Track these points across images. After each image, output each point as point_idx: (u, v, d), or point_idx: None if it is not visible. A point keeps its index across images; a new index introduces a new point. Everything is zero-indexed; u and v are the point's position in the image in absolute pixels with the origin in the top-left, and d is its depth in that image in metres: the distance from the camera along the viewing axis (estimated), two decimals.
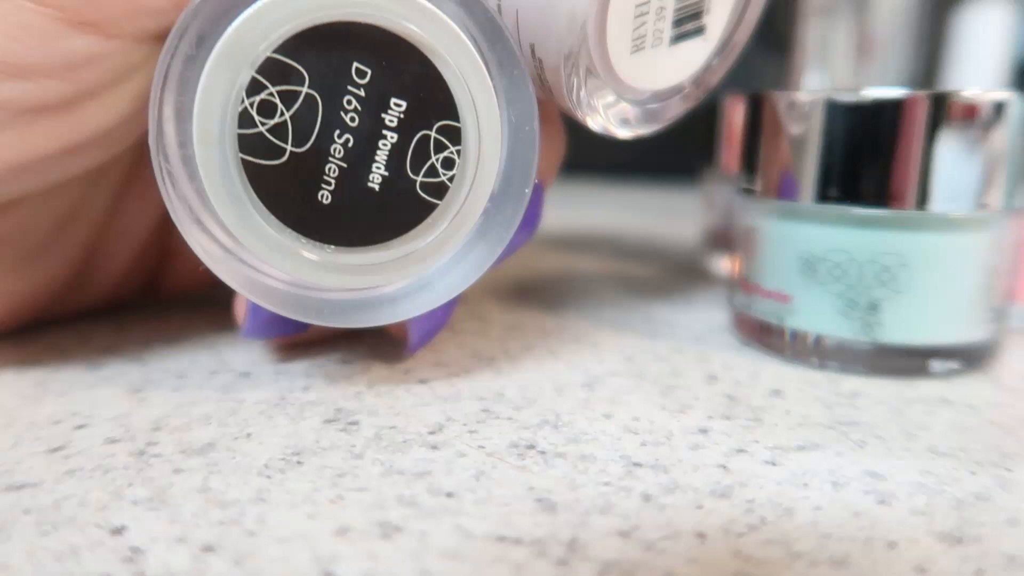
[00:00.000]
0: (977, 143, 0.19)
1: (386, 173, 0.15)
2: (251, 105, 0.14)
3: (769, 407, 0.18)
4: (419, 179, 0.15)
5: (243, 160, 0.14)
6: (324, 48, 0.14)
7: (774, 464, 0.15)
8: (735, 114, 0.33)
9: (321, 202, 0.15)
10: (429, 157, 0.15)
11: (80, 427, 0.16)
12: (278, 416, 0.16)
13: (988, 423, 0.17)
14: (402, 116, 0.15)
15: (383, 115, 0.15)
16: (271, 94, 0.14)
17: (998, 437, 0.16)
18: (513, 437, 0.16)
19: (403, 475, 0.14)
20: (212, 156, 0.14)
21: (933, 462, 0.15)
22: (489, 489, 0.13)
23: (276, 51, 0.14)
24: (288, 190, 0.15)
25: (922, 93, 0.18)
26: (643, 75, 0.18)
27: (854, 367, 0.20)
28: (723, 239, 0.34)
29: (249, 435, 0.15)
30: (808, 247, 0.20)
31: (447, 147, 0.15)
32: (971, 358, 0.20)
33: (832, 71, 0.46)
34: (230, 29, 0.14)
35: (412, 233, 0.16)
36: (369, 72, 0.15)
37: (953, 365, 0.20)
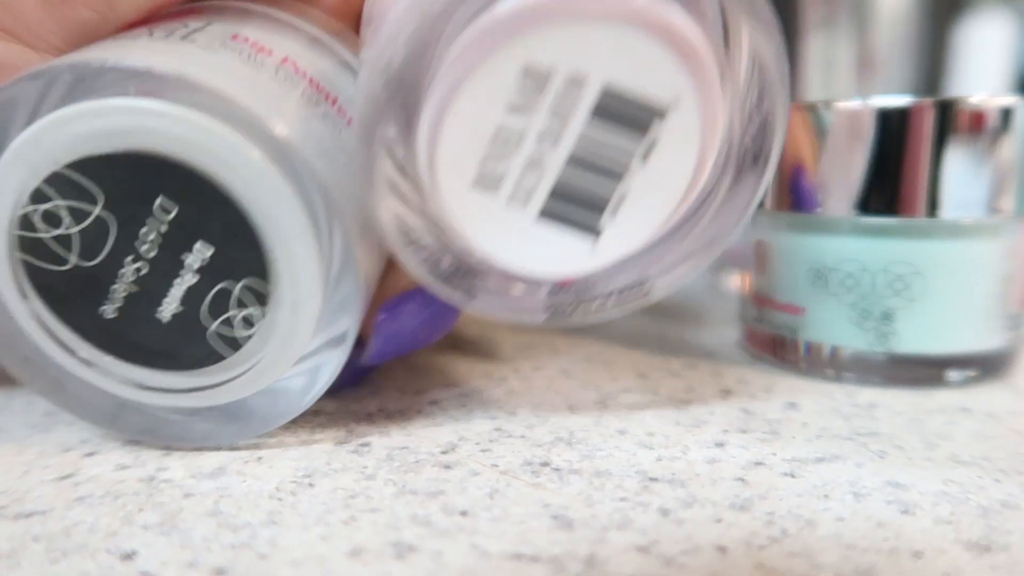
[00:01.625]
0: (986, 150, 0.19)
1: (180, 309, 0.14)
2: (34, 212, 0.13)
3: (785, 420, 0.17)
4: (213, 327, 0.14)
5: (23, 260, 0.14)
6: (128, 174, 0.13)
7: (793, 476, 0.14)
8: None
9: (103, 316, 0.14)
10: (228, 310, 0.14)
11: (89, 455, 0.16)
12: (289, 439, 0.16)
13: (1010, 431, 0.17)
14: (206, 262, 0.14)
15: (184, 255, 0.14)
16: (57, 207, 0.13)
17: (1021, 445, 0.16)
18: (527, 455, 0.15)
19: (416, 495, 0.14)
20: None
21: (956, 471, 0.15)
22: (504, 507, 0.13)
23: (70, 166, 0.13)
24: (71, 295, 0.14)
25: (928, 101, 0.18)
26: (480, 228, 0.14)
27: (870, 378, 0.20)
28: (730, 256, 0.34)
29: (259, 459, 0.15)
30: (819, 258, 0.20)
31: (249, 306, 0.14)
32: (988, 366, 0.20)
33: (835, 85, 0.46)
34: (29, 130, 0.13)
35: (200, 371, 0.15)
36: (175, 210, 0.13)
37: (970, 373, 0.20)
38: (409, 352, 0.19)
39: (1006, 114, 0.19)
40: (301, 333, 0.14)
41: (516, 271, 0.14)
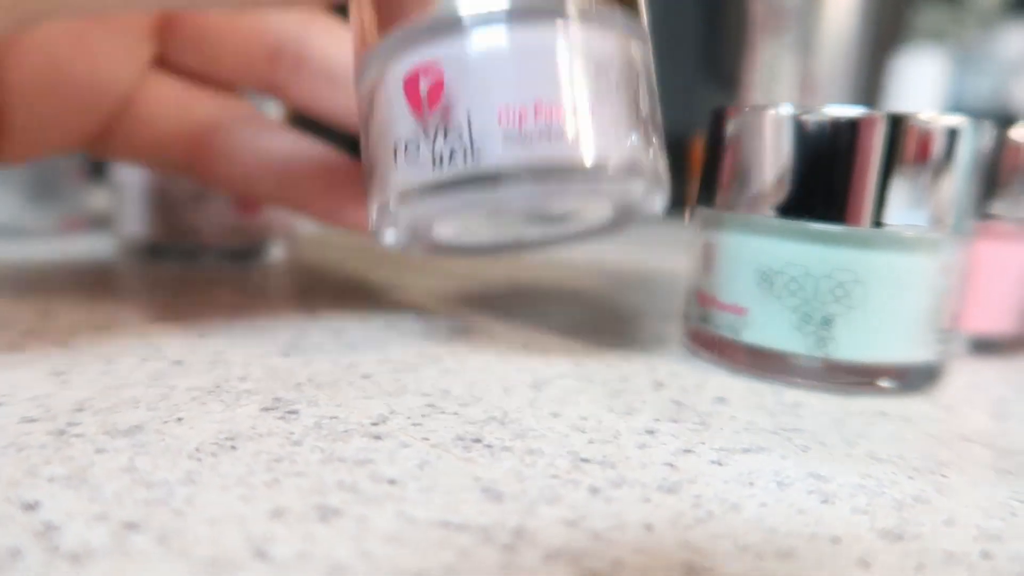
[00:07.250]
0: (931, 166, 0.19)
1: None
2: None
3: (715, 413, 0.18)
4: None
5: None
6: None
7: (720, 464, 0.15)
8: (700, 151, 0.33)
9: None
10: None
11: None
12: (212, 403, 0.16)
13: (924, 435, 0.17)
14: None
15: None
16: None
17: (934, 447, 0.17)
18: (459, 431, 0.15)
19: (344, 462, 0.13)
20: None
21: (873, 467, 0.15)
22: (433, 478, 0.13)
23: None
24: None
25: (879, 113, 0.19)
26: None
27: (805, 381, 0.20)
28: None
29: (180, 419, 0.15)
30: (766, 261, 0.20)
31: None
32: (917, 378, 0.21)
33: (777, 96, 0.48)
34: None
35: None
36: None
37: (900, 383, 0.20)
38: None
39: (952, 134, 0.19)
40: None
41: None
